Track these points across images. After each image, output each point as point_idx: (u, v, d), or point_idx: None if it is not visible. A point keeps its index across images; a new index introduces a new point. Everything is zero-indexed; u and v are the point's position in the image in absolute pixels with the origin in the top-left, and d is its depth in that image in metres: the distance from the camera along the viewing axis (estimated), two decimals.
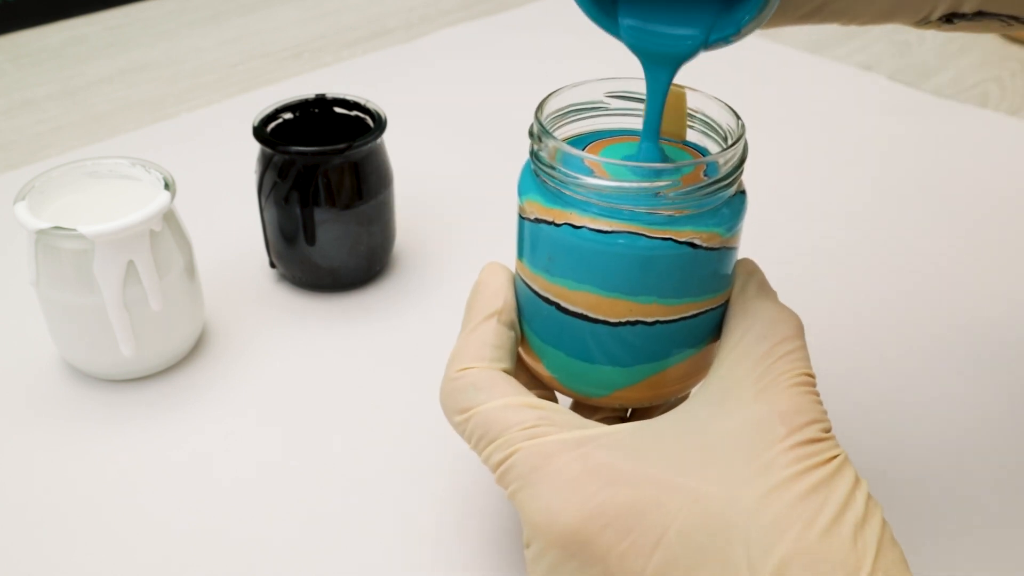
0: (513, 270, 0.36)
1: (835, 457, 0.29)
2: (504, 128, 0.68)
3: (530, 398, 0.31)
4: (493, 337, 0.33)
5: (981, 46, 0.84)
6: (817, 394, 0.30)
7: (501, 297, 0.34)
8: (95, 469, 0.40)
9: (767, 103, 0.73)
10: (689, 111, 0.34)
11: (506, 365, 0.33)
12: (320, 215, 0.47)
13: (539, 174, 0.32)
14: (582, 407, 0.37)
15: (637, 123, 0.34)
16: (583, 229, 0.31)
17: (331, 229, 0.48)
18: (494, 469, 0.31)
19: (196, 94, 0.74)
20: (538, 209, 0.32)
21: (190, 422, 0.43)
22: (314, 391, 0.45)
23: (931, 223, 0.58)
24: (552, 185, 0.32)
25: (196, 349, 0.47)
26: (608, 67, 0.74)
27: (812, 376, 0.31)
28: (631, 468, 0.29)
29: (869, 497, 0.28)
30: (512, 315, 0.34)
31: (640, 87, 0.34)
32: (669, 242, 0.31)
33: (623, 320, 0.32)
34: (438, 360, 0.39)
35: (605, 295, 0.32)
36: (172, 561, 0.37)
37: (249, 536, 0.38)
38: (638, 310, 0.32)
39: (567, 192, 0.31)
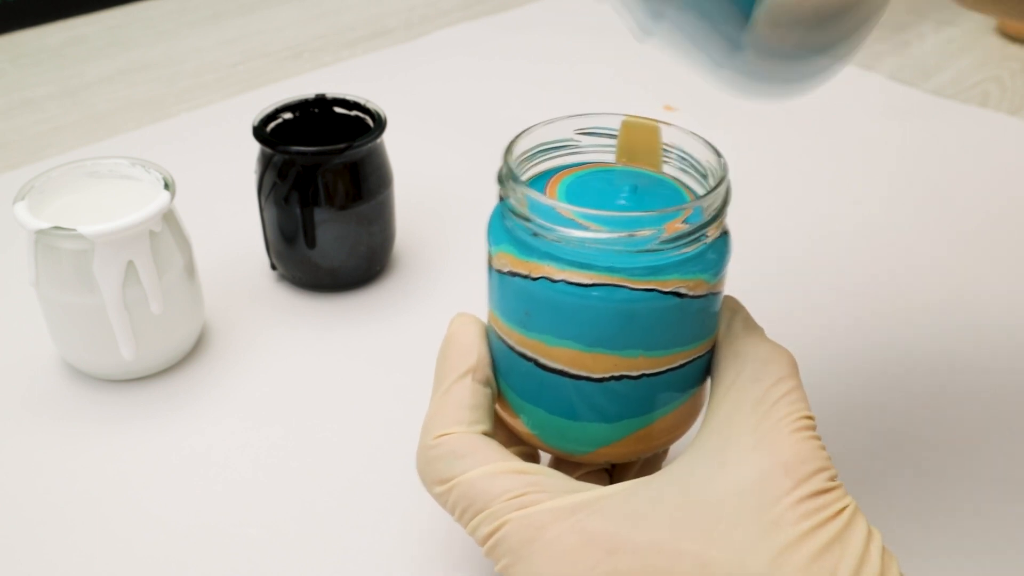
0: (485, 320, 0.34)
1: (845, 508, 0.27)
2: (504, 128, 0.68)
3: (515, 462, 0.30)
4: (469, 398, 0.31)
5: (981, 46, 0.84)
6: (819, 438, 0.29)
7: (474, 353, 0.32)
8: (95, 469, 0.40)
9: (767, 103, 0.73)
10: (665, 146, 0.33)
11: (485, 426, 0.31)
12: (320, 215, 0.48)
13: (510, 223, 0.30)
14: (563, 463, 0.35)
15: (609, 158, 0.33)
16: (561, 283, 0.29)
17: (331, 229, 0.48)
18: (482, 542, 0.29)
19: (196, 94, 0.74)
20: (511, 261, 0.30)
21: (190, 422, 0.43)
22: (314, 391, 0.45)
23: (931, 223, 0.58)
24: (525, 235, 0.30)
25: (196, 349, 0.47)
26: (607, 67, 0.75)
27: (812, 419, 0.29)
28: (631, 535, 0.27)
29: (884, 549, 0.27)
30: (487, 371, 0.32)
31: (610, 122, 0.33)
32: (653, 293, 0.29)
33: (607, 375, 0.30)
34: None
35: (587, 350, 0.30)
36: (172, 561, 0.37)
37: (249, 536, 0.38)
38: (623, 364, 0.30)
39: (541, 243, 0.29)
